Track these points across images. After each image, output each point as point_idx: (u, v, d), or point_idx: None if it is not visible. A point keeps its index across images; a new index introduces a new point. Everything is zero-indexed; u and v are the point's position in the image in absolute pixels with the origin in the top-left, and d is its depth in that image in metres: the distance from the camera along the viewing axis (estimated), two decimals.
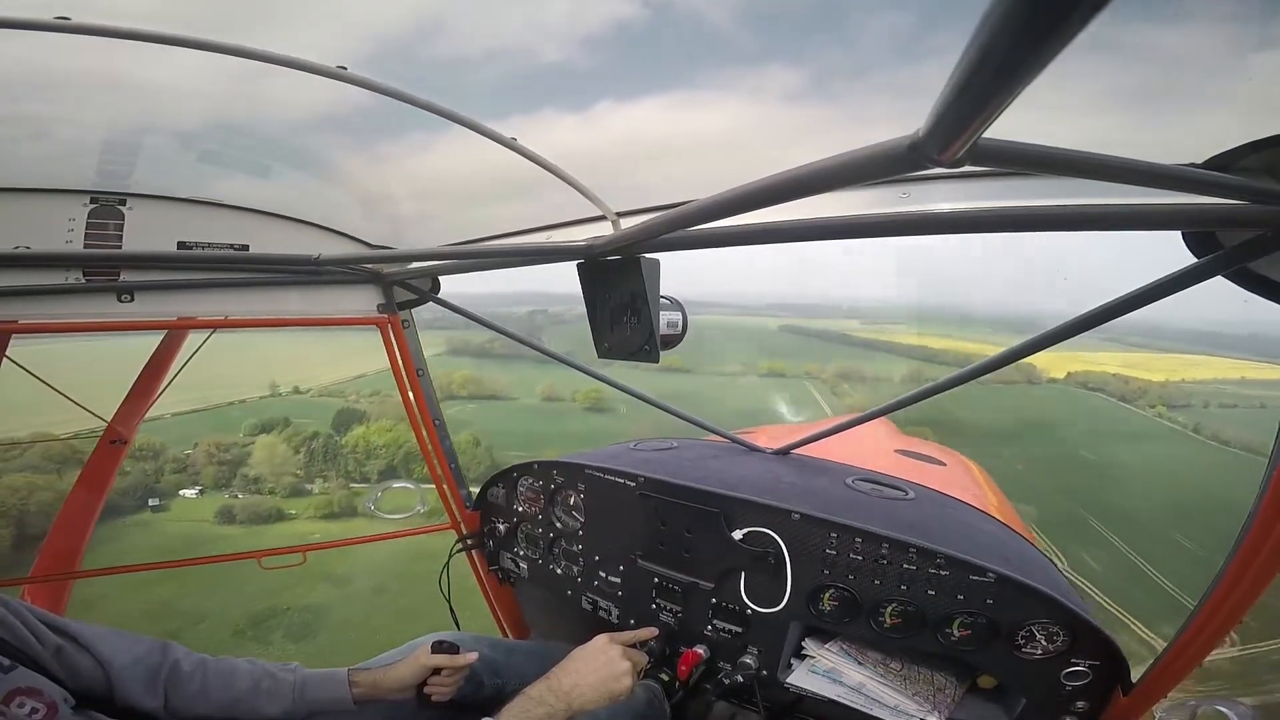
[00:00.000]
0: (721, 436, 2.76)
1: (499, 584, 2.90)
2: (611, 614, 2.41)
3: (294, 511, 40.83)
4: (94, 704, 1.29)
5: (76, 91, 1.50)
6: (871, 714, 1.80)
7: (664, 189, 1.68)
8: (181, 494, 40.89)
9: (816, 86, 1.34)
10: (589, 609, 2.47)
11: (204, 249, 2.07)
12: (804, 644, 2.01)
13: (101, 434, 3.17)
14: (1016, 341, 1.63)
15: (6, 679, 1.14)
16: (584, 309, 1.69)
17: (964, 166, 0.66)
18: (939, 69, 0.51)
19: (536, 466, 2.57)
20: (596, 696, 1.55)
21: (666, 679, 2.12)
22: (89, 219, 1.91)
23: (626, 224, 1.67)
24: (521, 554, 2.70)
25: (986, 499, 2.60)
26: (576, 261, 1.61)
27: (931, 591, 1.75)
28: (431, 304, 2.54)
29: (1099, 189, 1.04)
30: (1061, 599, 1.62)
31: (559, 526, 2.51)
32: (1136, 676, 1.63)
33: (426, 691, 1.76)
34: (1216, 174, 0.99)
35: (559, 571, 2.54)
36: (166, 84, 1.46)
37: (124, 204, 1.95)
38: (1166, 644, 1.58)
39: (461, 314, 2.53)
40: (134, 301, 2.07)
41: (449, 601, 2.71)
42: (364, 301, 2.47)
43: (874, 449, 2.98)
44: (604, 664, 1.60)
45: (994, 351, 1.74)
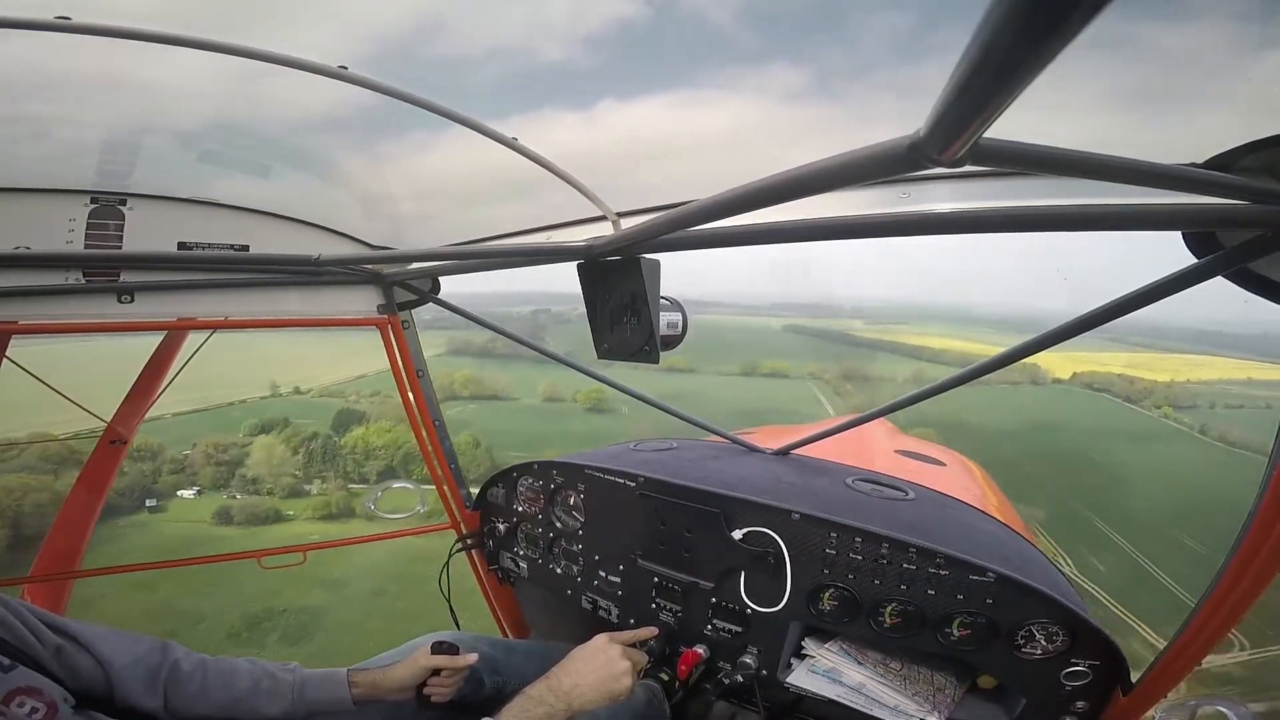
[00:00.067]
0: (721, 437, 2.76)
1: (499, 584, 2.91)
2: (611, 614, 2.41)
3: (292, 512, 40.75)
4: (94, 704, 1.29)
5: (77, 91, 1.50)
6: (871, 714, 1.80)
7: (665, 189, 1.68)
8: (179, 494, 40.76)
9: (818, 86, 1.34)
10: (589, 609, 2.47)
11: (204, 249, 2.07)
12: (804, 644, 2.01)
13: (101, 434, 3.18)
14: (1021, 341, 1.63)
15: (6, 679, 1.14)
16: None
17: (964, 166, 0.66)
18: (940, 68, 0.51)
19: (536, 466, 2.57)
20: (596, 696, 1.54)
21: (666, 679, 2.12)
22: (89, 219, 1.91)
23: (627, 224, 1.67)
24: (521, 554, 2.70)
25: (986, 499, 2.60)
26: (576, 262, 1.61)
27: (931, 591, 1.75)
28: (432, 304, 2.54)
29: (1099, 189, 1.04)
30: (1061, 599, 1.62)
31: (559, 526, 2.51)
32: (1136, 676, 1.63)
33: (426, 693, 1.75)
34: (1216, 174, 0.99)
35: (559, 571, 2.54)
36: (167, 84, 1.46)
37: (124, 204, 1.95)
38: (1166, 644, 1.58)
39: (461, 314, 2.53)
40: (134, 302, 2.07)
41: (449, 601, 2.72)
42: (364, 302, 2.47)
43: (874, 449, 2.98)
44: (604, 664, 1.60)
45: (997, 352, 1.74)
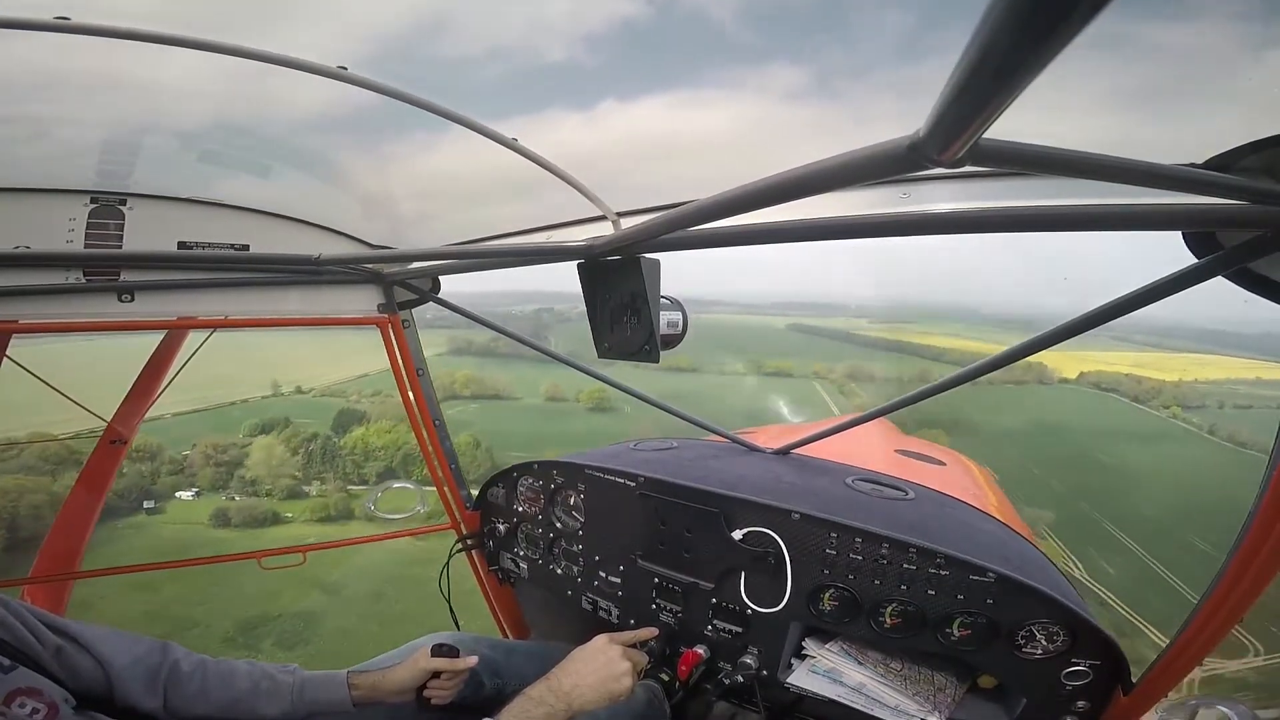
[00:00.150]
0: (721, 436, 2.76)
1: (499, 584, 2.90)
2: (611, 614, 2.41)
3: (290, 514, 40.44)
4: (94, 704, 1.29)
5: (77, 91, 1.50)
6: (872, 714, 1.80)
7: (666, 188, 1.68)
8: (178, 496, 40.49)
9: (819, 86, 1.33)
10: (589, 609, 2.47)
11: (204, 249, 2.07)
12: (804, 644, 2.01)
13: (101, 434, 3.18)
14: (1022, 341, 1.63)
15: (7, 679, 1.14)
16: None
17: (964, 166, 0.66)
18: (941, 68, 0.51)
19: (536, 466, 2.57)
20: (596, 697, 1.54)
21: (666, 679, 2.12)
22: (89, 219, 1.91)
23: (627, 224, 1.67)
24: (521, 554, 2.70)
25: (986, 499, 2.60)
26: (576, 261, 1.61)
27: (931, 591, 1.75)
28: (433, 303, 2.54)
29: (1099, 189, 1.04)
30: (1061, 599, 1.62)
31: (559, 526, 2.51)
32: (1137, 676, 1.63)
33: (426, 695, 1.75)
34: (1216, 174, 0.99)
35: (559, 571, 2.54)
36: (167, 84, 1.46)
37: (124, 204, 1.95)
38: (1167, 644, 1.58)
39: (461, 314, 2.53)
40: (134, 301, 2.07)
41: (449, 602, 2.72)
42: (364, 301, 2.47)
43: (874, 449, 2.98)
44: (604, 664, 1.60)
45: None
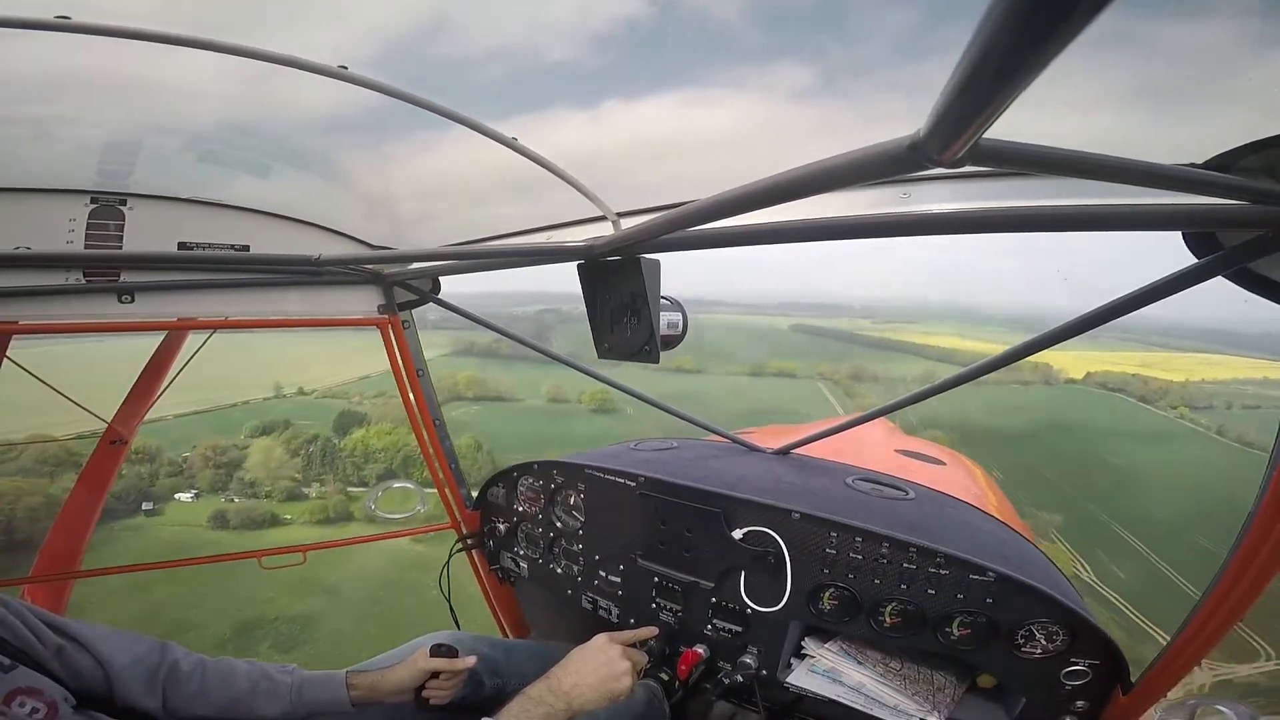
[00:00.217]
0: (721, 436, 2.76)
1: (499, 584, 2.90)
2: (611, 613, 2.41)
3: (289, 516, 40.23)
4: (94, 704, 1.29)
5: (77, 91, 1.50)
6: (871, 714, 1.80)
7: (667, 188, 1.68)
8: (177, 497, 40.29)
9: (824, 85, 1.32)
10: (589, 608, 2.47)
11: (204, 249, 2.07)
12: (804, 643, 2.01)
13: (101, 434, 3.17)
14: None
15: (7, 679, 1.14)
16: None
17: (964, 166, 0.66)
18: (946, 67, 0.51)
19: (536, 466, 2.57)
20: (596, 696, 1.54)
21: (666, 678, 2.12)
22: (89, 219, 1.91)
23: (627, 224, 1.67)
24: (521, 553, 2.70)
25: (986, 499, 2.60)
26: (577, 262, 1.61)
27: (931, 591, 1.75)
28: (433, 303, 2.54)
29: (1099, 189, 1.04)
30: (1061, 598, 1.62)
31: (559, 526, 2.51)
32: (1136, 676, 1.63)
33: (425, 695, 1.75)
34: (1217, 174, 0.99)
35: (559, 571, 2.54)
36: (167, 84, 1.45)
37: (124, 204, 1.95)
38: (1166, 643, 1.58)
39: (461, 314, 2.53)
40: (134, 302, 2.07)
41: (449, 601, 2.72)
42: (364, 302, 2.47)
43: (874, 449, 2.98)
44: (604, 663, 1.60)
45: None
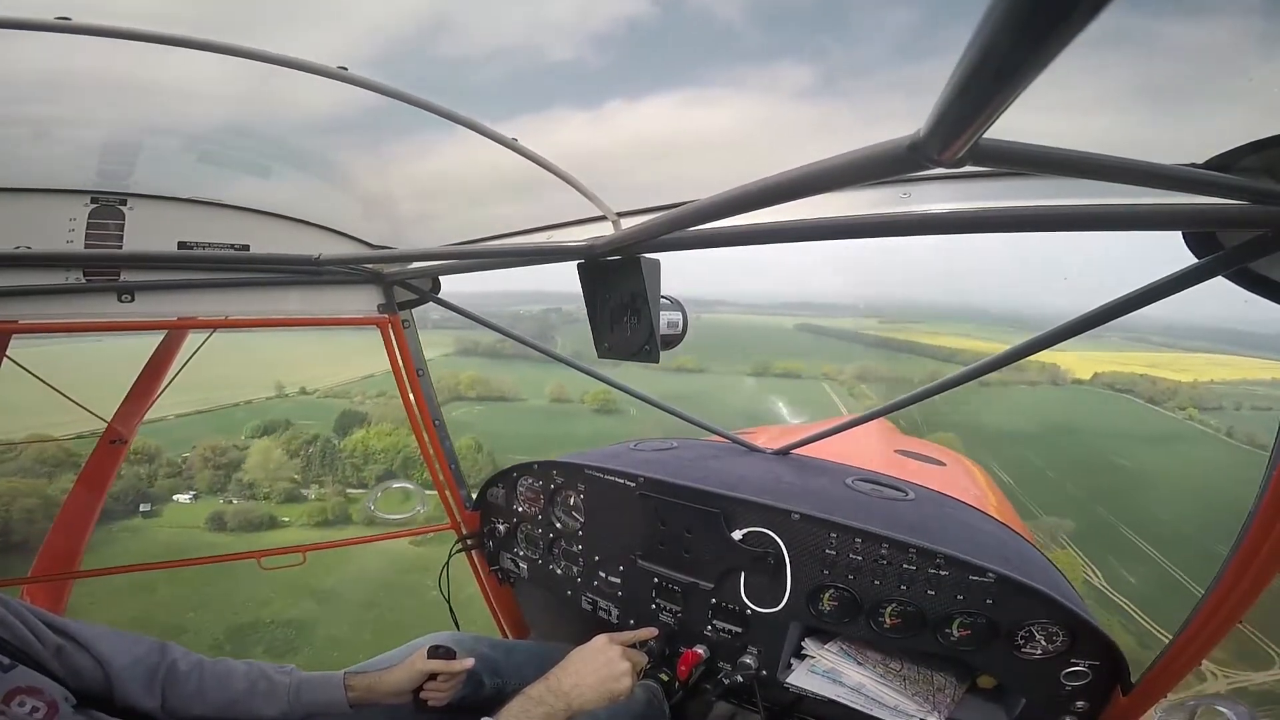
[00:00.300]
0: (721, 436, 2.76)
1: (499, 584, 2.90)
2: (611, 614, 2.41)
3: (287, 518, 39.98)
4: (94, 703, 1.29)
5: (77, 92, 1.50)
6: (871, 714, 1.80)
7: (667, 188, 1.67)
8: (176, 499, 40.04)
9: (825, 84, 1.32)
10: (589, 609, 2.47)
11: (204, 249, 2.07)
12: (804, 644, 2.01)
13: (101, 434, 3.17)
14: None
15: (7, 678, 1.14)
16: None
17: (964, 166, 0.66)
18: (948, 66, 0.51)
19: (536, 466, 2.57)
20: (596, 696, 1.54)
21: (666, 679, 2.12)
22: (90, 219, 1.91)
23: (627, 224, 1.67)
24: (521, 554, 2.70)
25: (986, 499, 2.60)
26: (577, 261, 1.61)
27: (931, 591, 1.75)
28: (433, 303, 2.54)
29: (1099, 189, 1.04)
30: (1061, 599, 1.62)
31: (559, 526, 2.51)
32: (1136, 676, 1.63)
33: (423, 697, 1.75)
34: (1217, 174, 0.99)
35: (559, 571, 2.54)
36: (167, 84, 1.45)
37: (125, 204, 1.95)
38: (1166, 643, 1.58)
39: (462, 314, 2.53)
40: (134, 301, 2.07)
41: (448, 601, 2.72)
42: (364, 301, 2.47)
43: (873, 449, 2.98)
44: (604, 664, 1.60)
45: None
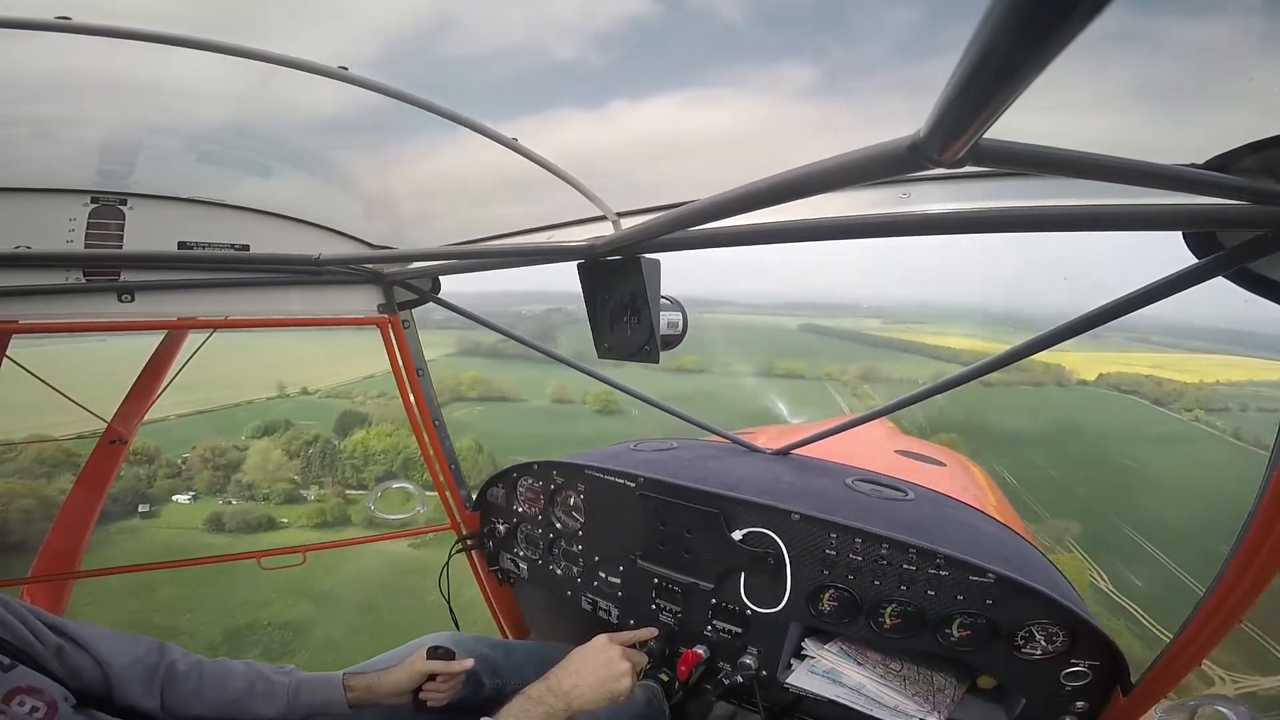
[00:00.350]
0: (721, 437, 2.76)
1: (499, 584, 2.90)
2: (611, 614, 2.41)
3: (286, 520, 39.64)
4: (93, 703, 1.29)
5: (77, 91, 1.50)
6: (871, 714, 1.80)
7: (670, 188, 1.67)
8: (175, 499, 39.71)
9: (826, 84, 1.31)
10: (589, 609, 2.47)
11: (204, 249, 2.07)
12: (804, 644, 2.01)
13: (101, 434, 3.17)
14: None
15: (7, 678, 1.14)
16: None
17: (965, 167, 0.66)
18: (948, 66, 0.51)
19: (536, 467, 2.57)
20: (596, 697, 1.54)
21: (666, 679, 2.12)
22: (90, 219, 1.91)
23: (627, 224, 1.67)
24: (521, 554, 2.70)
25: (986, 499, 2.60)
26: (577, 261, 1.62)
27: (931, 592, 1.75)
28: (433, 303, 2.54)
29: (1099, 189, 1.04)
30: (1061, 599, 1.62)
31: (559, 527, 2.51)
32: (1136, 677, 1.63)
33: (422, 698, 1.75)
34: (1217, 174, 0.99)
35: (559, 572, 2.54)
36: (168, 84, 1.45)
37: (125, 204, 1.95)
38: (1166, 643, 1.58)
39: (462, 314, 2.53)
40: (134, 301, 2.07)
41: (448, 602, 2.72)
42: (364, 301, 2.47)
43: (873, 449, 2.98)
44: (603, 664, 1.60)
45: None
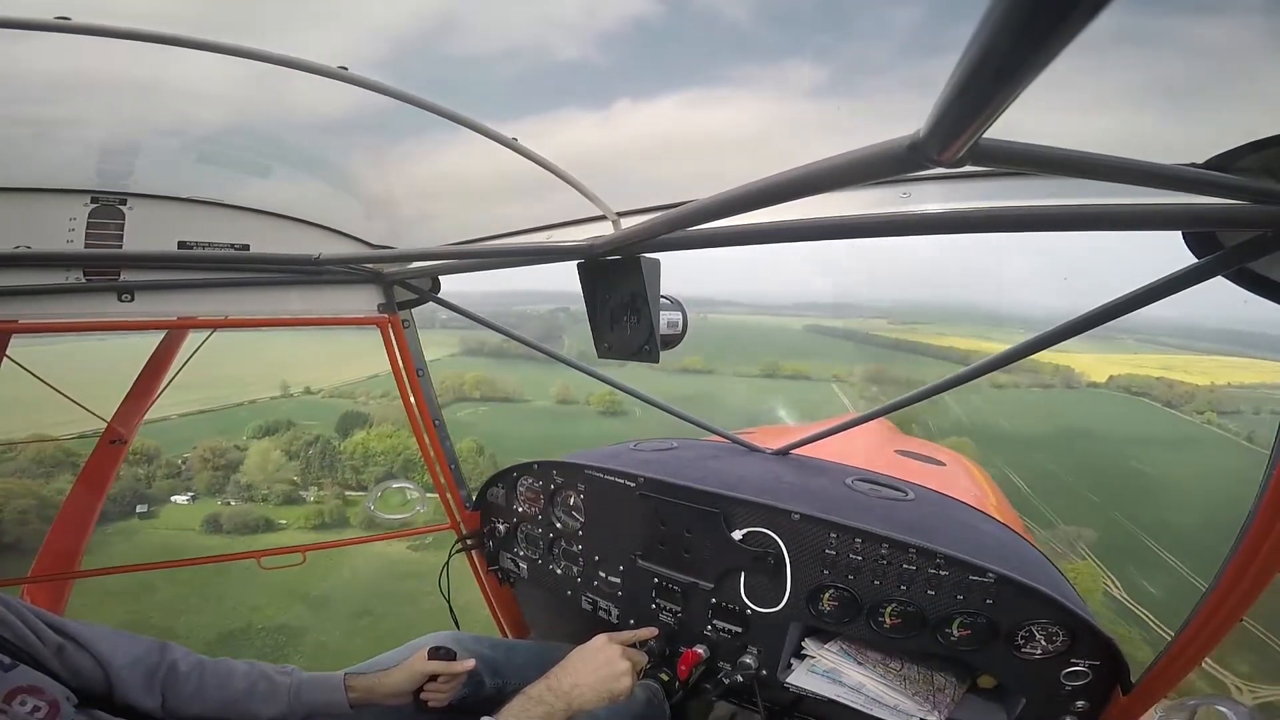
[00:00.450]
0: (721, 436, 2.76)
1: (499, 584, 2.90)
2: (611, 614, 2.41)
3: (284, 521, 39.66)
4: (94, 703, 1.29)
5: (77, 91, 1.50)
6: (871, 714, 1.80)
7: (670, 187, 1.67)
8: (174, 500, 39.74)
9: (828, 84, 1.31)
10: (589, 609, 2.47)
11: (204, 249, 2.07)
12: (804, 644, 2.01)
13: (101, 434, 3.18)
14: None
15: (8, 677, 1.14)
16: None
17: (965, 166, 0.66)
18: (950, 65, 0.51)
19: (536, 467, 2.57)
20: (596, 696, 1.54)
21: (666, 679, 2.12)
22: (89, 219, 1.91)
23: (627, 223, 1.67)
24: (521, 554, 2.70)
25: (986, 499, 2.60)
26: (577, 261, 1.61)
27: (931, 591, 1.75)
28: (433, 302, 2.54)
29: (1099, 189, 1.04)
30: (1061, 599, 1.62)
31: (559, 527, 2.51)
32: (1136, 676, 1.63)
33: (423, 698, 1.75)
34: (1216, 174, 0.99)
35: (559, 571, 2.54)
36: (167, 84, 1.45)
37: (125, 204, 1.95)
38: (1166, 643, 1.58)
39: (462, 314, 2.53)
40: (134, 301, 2.07)
41: (449, 602, 2.72)
42: (364, 301, 2.47)
43: (873, 449, 2.98)
44: (603, 664, 1.60)
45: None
